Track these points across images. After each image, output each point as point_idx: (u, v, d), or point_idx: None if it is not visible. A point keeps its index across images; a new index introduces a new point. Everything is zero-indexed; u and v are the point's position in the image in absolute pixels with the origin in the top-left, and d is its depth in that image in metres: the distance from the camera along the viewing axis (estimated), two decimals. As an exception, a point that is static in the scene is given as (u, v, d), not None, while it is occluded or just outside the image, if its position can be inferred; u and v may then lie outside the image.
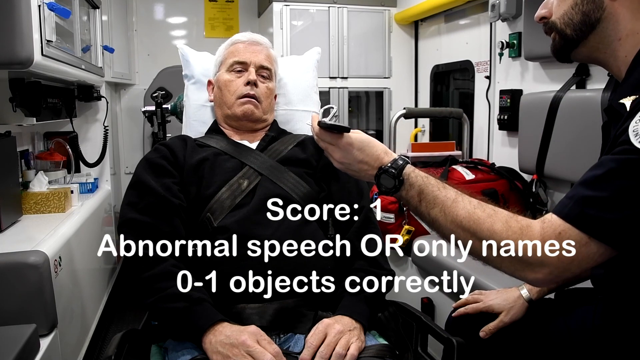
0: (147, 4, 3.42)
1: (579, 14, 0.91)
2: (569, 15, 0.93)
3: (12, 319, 1.27)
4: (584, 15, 0.91)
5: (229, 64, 1.37)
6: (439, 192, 0.88)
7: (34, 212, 1.85)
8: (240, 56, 1.37)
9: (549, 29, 0.98)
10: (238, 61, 1.36)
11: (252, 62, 1.36)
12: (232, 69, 1.37)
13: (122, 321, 2.41)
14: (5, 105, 1.66)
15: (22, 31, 1.35)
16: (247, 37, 1.41)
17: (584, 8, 0.91)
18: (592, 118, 1.68)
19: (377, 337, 1.14)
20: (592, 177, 0.79)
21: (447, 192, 0.88)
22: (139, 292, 1.06)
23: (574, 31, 0.93)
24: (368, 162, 0.93)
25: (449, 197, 0.87)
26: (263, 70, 1.37)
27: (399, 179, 0.90)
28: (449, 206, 0.86)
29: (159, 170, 1.20)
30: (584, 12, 0.91)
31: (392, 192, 0.91)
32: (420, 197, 0.89)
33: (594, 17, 0.90)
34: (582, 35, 0.93)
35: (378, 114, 3.30)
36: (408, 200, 0.90)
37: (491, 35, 2.43)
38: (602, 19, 0.90)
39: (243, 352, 0.93)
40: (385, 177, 0.91)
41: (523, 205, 2.09)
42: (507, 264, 0.82)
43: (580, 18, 0.91)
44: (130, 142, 3.36)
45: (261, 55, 1.38)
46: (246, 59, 1.36)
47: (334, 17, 3.01)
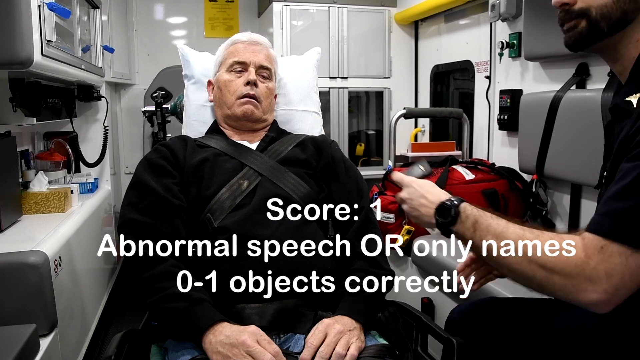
0: (147, 4, 3.42)
1: (618, 10, 0.90)
2: (608, 8, 0.91)
3: (12, 319, 1.27)
4: (622, 13, 0.90)
5: (229, 64, 1.37)
6: (492, 220, 0.91)
7: (34, 212, 1.85)
8: (240, 56, 1.37)
9: (571, 16, 0.95)
10: (238, 61, 1.37)
11: (252, 62, 1.36)
12: (232, 69, 1.37)
13: (122, 321, 2.41)
14: (5, 105, 1.66)
15: (22, 31, 1.35)
16: (246, 37, 1.41)
17: (625, 6, 0.90)
18: (592, 118, 1.68)
19: (377, 337, 1.14)
20: (620, 189, 0.78)
21: (499, 220, 0.90)
22: (139, 292, 1.06)
23: (608, 25, 0.91)
24: (429, 198, 1.01)
25: (500, 224, 0.89)
26: (263, 70, 1.37)
27: (456, 211, 0.94)
28: (500, 232, 0.88)
29: (159, 171, 1.20)
30: (624, 10, 0.90)
31: (449, 225, 0.95)
32: (474, 227, 0.92)
33: (630, 17, 0.90)
34: (613, 31, 0.91)
35: (378, 114, 3.29)
36: (464, 232, 0.93)
37: (491, 35, 2.43)
38: (634, 20, 0.90)
39: (243, 352, 0.93)
40: (443, 210, 0.97)
41: (523, 205, 2.09)
42: (558, 286, 0.82)
43: (618, 15, 0.90)
44: (130, 142, 3.36)
45: (261, 55, 1.38)
46: (246, 59, 1.36)
47: (334, 17, 3.00)
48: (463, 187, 2.07)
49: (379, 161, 3.20)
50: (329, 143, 1.37)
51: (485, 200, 2.05)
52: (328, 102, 3.01)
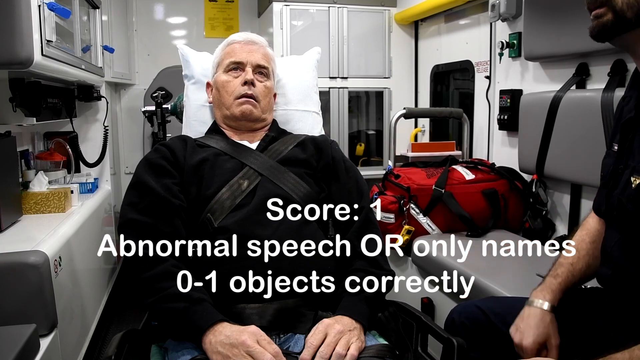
0: (147, 4, 3.43)
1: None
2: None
3: (12, 319, 1.27)
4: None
5: (226, 65, 1.37)
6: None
7: (34, 212, 1.85)
8: (237, 56, 1.37)
9: (600, 3, 0.91)
10: (234, 61, 1.36)
11: (249, 62, 1.36)
12: (229, 70, 1.37)
13: (122, 321, 2.41)
14: (5, 105, 1.66)
15: (22, 31, 1.35)
16: (242, 37, 1.41)
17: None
18: (592, 118, 1.68)
19: (377, 337, 1.14)
20: None
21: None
22: (139, 292, 1.06)
23: (636, 15, 0.88)
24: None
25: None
26: (260, 69, 1.37)
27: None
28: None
29: (159, 171, 1.20)
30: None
31: None
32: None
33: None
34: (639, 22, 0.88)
35: (378, 114, 3.30)
36: None
37: (491, 35, 2.43)
38: None
39: (243, 352, 0.93)
40: None
41: (523, 205, 2.09)
42: None
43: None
44: (130, 142, 3.36)
45: (257, 55, 1.38)
46: (242, 59, 1.36)
47: (334, 17, 3.00)
48: (463, 187, 2.07)
49: (379, 161, 3.20)
50: (329, 143, 1.37)
51: (485, 200, 2.05)
52: (328, 102, 3.01)
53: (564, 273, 1.07)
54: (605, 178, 1.06)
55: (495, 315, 1.15)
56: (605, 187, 1.04)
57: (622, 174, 0.98)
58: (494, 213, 2.06)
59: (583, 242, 1.11)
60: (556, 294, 1.05)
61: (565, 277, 1.06)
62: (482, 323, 1.16)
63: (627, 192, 0.93)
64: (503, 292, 1.45)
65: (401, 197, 2.04)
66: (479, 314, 1.17)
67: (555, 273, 1.07)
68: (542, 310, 1.04)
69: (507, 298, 1.35)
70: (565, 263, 1.08)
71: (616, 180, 1.00)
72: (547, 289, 1.05)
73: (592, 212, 1.17)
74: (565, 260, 1.09)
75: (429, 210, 2.04)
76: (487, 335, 1.15)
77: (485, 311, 1.17)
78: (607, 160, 1.07)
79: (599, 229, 1.11)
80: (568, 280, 1.06)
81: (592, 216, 1.16)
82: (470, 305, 1.21)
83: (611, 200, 1.00)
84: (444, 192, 2.02)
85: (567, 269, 1.07)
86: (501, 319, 1.14)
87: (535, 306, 1.05)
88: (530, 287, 1.21)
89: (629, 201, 0.92)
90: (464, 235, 2.01)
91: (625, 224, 0.95)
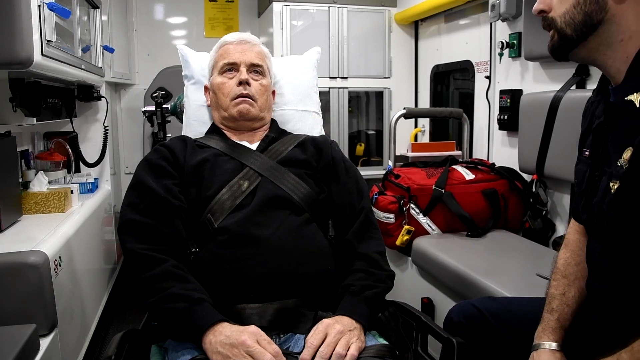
0: (147, 4, 3.42)
1: (580, 13, 0.88)
2: (570, 14, 0.90)
3: (12, 319, 1.27)
4: (585, 16, 0.88)
5: (220, 67, 1.37)
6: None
7: (34, 212, 1.85)
8: (230, 57, 1.37)
9: (547, 24, 0.95)
10: (228, 62, 1.36)
11: (243, 62, 1.36)
12: (224, 71, 1.37)
13: (122, 321, 2.41)
14: (5, 105, 1.66)
15: (22, 31, 1.35)
16: (235, 37, 1.41)
17: (587, 8, 0.88)
18: (592, 118, 1.68)
19: (377, 337, 1.14)
20: None
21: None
22: (139, 293, 1.06)
23: (575, 31, 0.90)
24: None
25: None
26: (255, 67, 1.37)
27: None
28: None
29: (159, 171, 1.20)
30: (586, 13, 0.88)
31: None
32: None
33: (596, 19, 0.88)
34: (582, 36, 0.90)
35: (378, 114, 3.30)
36: None
37: (491, 35, 2.43)
38: (605, 21, 0.87)
39: (243, 352, 0.93)
40: None
41: (523, 205, 2.09)
42: None
43: (582, 18, 0.89)
44: (130, 142, 3.36)
45: (251, 54, 1.38)
46: (236, 59, 1.36)
47: (334, 17, 3.00)
48: (463, 187, 2.07)
49: (379, 161, 3.20)
50: (329, 143, 1.37)
51: (485, 200, 2.05)
52: (328, 102, 3.01)
53: (558, 306, 1.05)
54: (581, 186, 1.03)
55: (491, 315, 1.15)
56: (584, 195, 1.02)
57: (599, 181, 0.95)
58: (494, 213, 2.06)
59: (569, 266, 1.09)
60: (557, 331, 1.04)
61: (561, 310, 1.05)
62: (479, 322, 1.16)
63: (607, 198, 0.90)
64: (503, 292, 1.45)
65: (401, 197, 2.04)
66: (475, 313, 1.17)
67: (550, 308, 1.06)
68: (551, 350, 1.02)
69: (504, 298, 1.35)
70: (557, 294, 1.07)
71: (594, 187, 0.97)
72: (548, 329, 1.04)
73: (572, 221, 1.13)
74: (556, 291, 1.07)
75: (429, 210, 2.04)
76: (484, 334, 1.15)
77: (482, 310, 1.17)
78: (580, 167, 1.04)
79: (581, 245, 1.09)
80: (564, 312, 1.05)
81: (572, 228, 1.13)
82: (468, 305, 1.21)
83: (591, 209, 0.97)
84: (444, 192, 2.02)
85: (560, 300, 1.06)
86: (497, 318, 1.14)
87: (543, 349, 1.03)
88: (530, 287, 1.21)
89: (610, 208, 0.89)
90: (464, 236, 2.01)
91: (607, 231, 0.93)
